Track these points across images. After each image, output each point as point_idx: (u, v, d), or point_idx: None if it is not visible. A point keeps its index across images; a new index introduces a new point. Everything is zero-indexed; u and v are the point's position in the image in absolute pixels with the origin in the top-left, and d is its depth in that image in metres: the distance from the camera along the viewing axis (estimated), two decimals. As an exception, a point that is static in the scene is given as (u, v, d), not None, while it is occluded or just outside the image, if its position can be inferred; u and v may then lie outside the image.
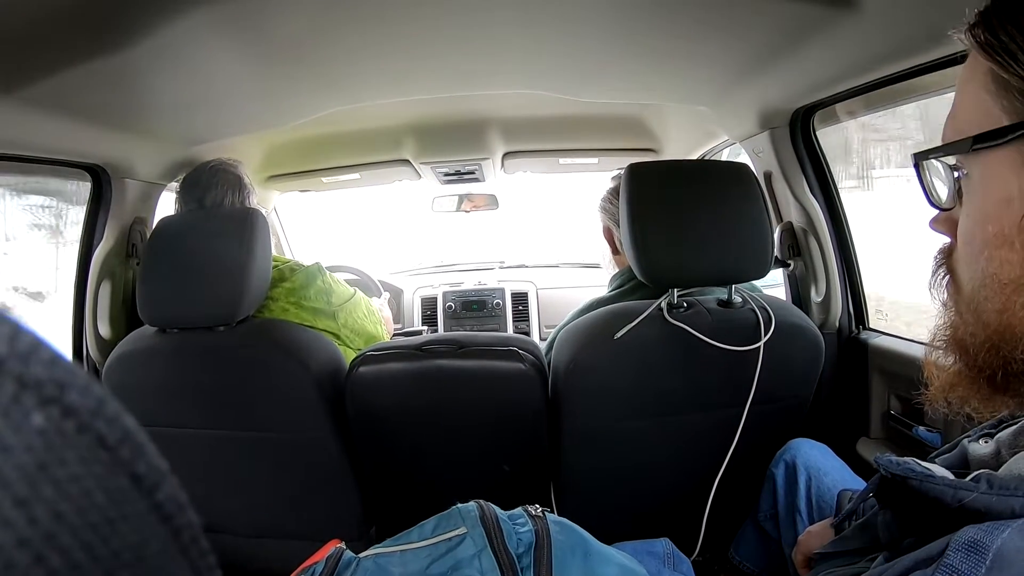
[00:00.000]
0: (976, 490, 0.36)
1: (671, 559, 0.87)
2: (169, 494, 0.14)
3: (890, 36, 0.81)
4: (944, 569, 0.34)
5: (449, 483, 1.14)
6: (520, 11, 0.85)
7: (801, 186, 1.22)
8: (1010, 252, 0.34)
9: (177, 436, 1.07)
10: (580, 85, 1.18)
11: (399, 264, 2.61)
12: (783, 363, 1.00)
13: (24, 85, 0.81)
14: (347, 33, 0.88)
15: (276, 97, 1.14)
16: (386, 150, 1.77)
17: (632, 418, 1.02)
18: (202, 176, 1.21)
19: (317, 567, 0.60)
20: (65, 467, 0.12)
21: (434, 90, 1.21)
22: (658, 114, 1.62)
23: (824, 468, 0.93)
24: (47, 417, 0.12)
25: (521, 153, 1.86)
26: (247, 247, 1.01)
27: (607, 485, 1.10)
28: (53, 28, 0.70)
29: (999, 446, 0.45)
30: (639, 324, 0.96)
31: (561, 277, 2.37)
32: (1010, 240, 0.34)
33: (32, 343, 0.12)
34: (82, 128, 1.04)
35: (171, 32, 0.77)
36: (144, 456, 0.14)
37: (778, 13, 0.80)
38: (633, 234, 0.95)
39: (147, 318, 1.03)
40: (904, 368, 1.09)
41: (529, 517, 0.61)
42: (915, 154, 0.40)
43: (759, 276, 0.99)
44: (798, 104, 1.13)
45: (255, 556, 1.19)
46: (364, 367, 1.04)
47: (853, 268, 1.24)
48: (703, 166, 1.29)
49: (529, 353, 1.04)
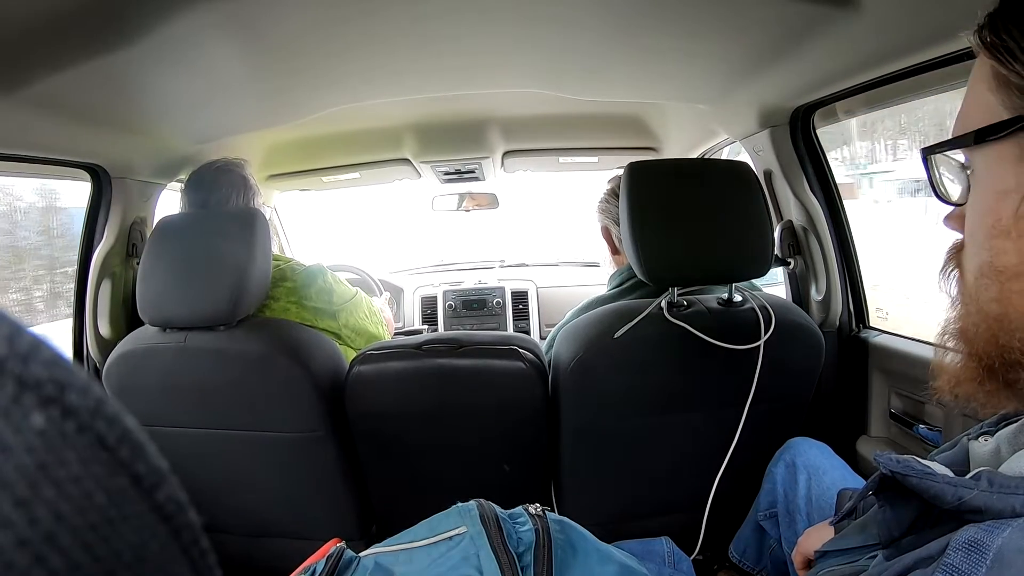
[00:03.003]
0: (976, 488, 0.36)
1: (671, 558, 0.87)
2: (169, 494, 0.14)
3: (890, 35, 0.81)
4: (944, 568, 0.34)
5: (449, 482, 1.14)
6: (520, 10, 0.84)
7: (801, 184, 1.22)
8: (1006, 241, 0.35)
9: (177, 436, 1.07)
10: (580, 84, 1.18)
11: (399, 263, 2.61)
12: (783, 362, 1.00)
13: (24, 85, 0.81)
14: (347, 32, 0.88)
15: (276, 96, 1.14)
16: (386, 149, 1.77)
17: (632, 417, 1.02)
18: (206, 176, 1.21)
19: (317, 566, 0.60)
20: (65, 467, 0.12)
21: (434, 89, 1.21)
22: (658, 113, 1.62)
23: (824, 467, 0.93)
24: (47, 418, 0.12)
25: (521, 152, 1.86)
26: (247, 246, 1.01)
27: (607, 484, 1.10)
28: (53, 28, 0.70)
29: (1000, 444, 0.45)
30: (639, 323, 0.96)
31: (561, 276, 2.37)
32: (1007, 230, 0.35)
33: (32, 343, 0.12)
34: (82, 128, 1.03)
35: (170, 31, 0.76)
36: (144, 456, 0.14)
37: (778, 12, 0.80)
38: (633, 233, 0.94)
39: (147, 318, 1.03)
40: (905, 367, 1.09)
41: (529, 516, 0.61)
42: (923, 149, 0.42)
43: (759, 275, 0.99)
44: (798, 102, 1.13)
45: (255, 556, 1.19)
46: (364, 366, 1.04)
47: (853, 267, 1.24)
48: (703, 165, 1.29)
49: (529, 352, 1.04)
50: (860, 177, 3.35)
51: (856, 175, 3.33)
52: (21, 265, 1.85)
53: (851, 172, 3.28)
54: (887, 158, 3.29)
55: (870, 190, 3.41)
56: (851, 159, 3.23)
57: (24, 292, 1.83)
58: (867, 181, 3.38)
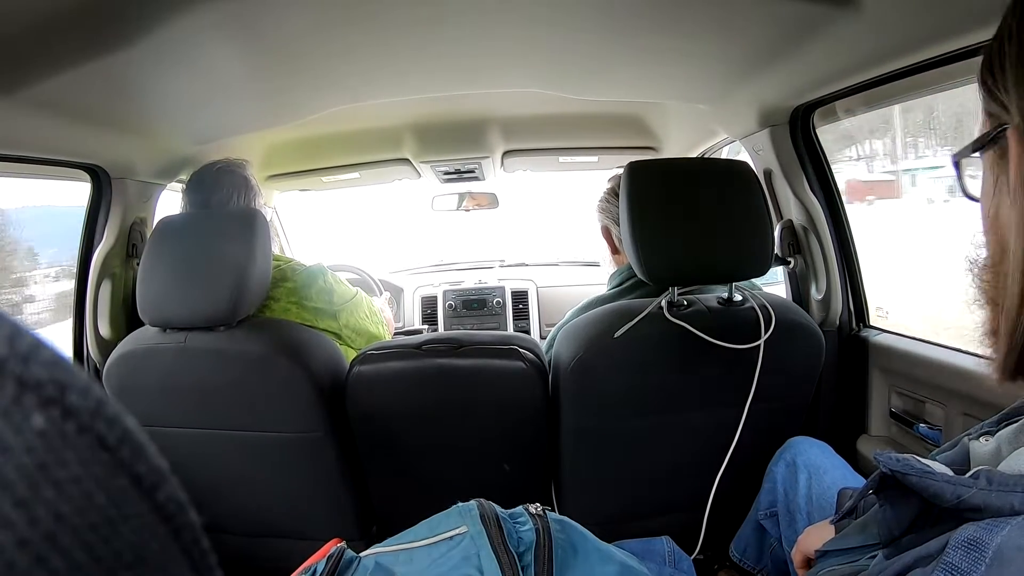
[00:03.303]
0: (975, 486, 0.36)
1: (672, 557, 0.87)
2: (169, 494, 0.14)
3: (889, 34, 0.81)
4: (944, 567, 0.34)
5: (449, 482, 1.14)
6: (520, 10, 0.84)
7: (801, 184, 1.22)
8: (990, 237, 0.39)
9: (177, 436, 1.07)
10: (580, 83, 1.18)
11: (399, 263, 2.61)
12: (783, 361, 1.00)
13: (24, 85, 0.81)
14: (347, 32, 0.88)
15: (276, 96, 1.14)
16: (386, 149, 1.77)
17: (632, 416, 1.02)
18: (207, 177, 1.21)
19: (318, 566, 0.60)
20: (66, 468, 0.12)
21: (434, 89, 1.21)
22: (658, 112, 1.62)
23: (824, 466, 0.93)
24: (48, 418, 0.12)
25: (521, 151, 1.86)
26: (247, 247, 1.01)
27: (607, 483, 1.10)
28: (53, 28, 0.70)
29: (1000, 444, 0.45)
30: (639, 322, 0.96)
31: (561, 275, 2.37)
32: (990, 228, 0.39)
33: (32, 344, 0.12)
34: (82, 128, 1.03)
35: (171, 32, 0.76)
36: (144, 456, 0.14)
37: (778, 11, 0.80)
38: (633, 232, 0.94)
39: (147, 318, 1.03)
40: (905, 366, 1.09)
41: (530, 516, 0.61)
42: (952, 155, 0.44)
43: (759, 274, 0.99)
44: (798, 102, 1.13)
45: (256, 556, 1.19)
46: (364, 366, 1.04)
47: (853, 266, 1.24)
48: (703, 164, 1.29)
49: (529, 351, 1.04)
50: (902, 174, 2.87)
51: (896, 172, 2.85)
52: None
53: (890, 169, 2.81)
54: (932, 153, 2.75)
55: (912, 188, 2.93)
56: (887, 154, 2.77)
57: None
58: (909, 178, 2.93)
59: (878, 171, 2.78)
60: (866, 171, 2.76)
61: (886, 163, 2.78)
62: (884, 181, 2.82)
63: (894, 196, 2.83)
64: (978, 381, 0.89)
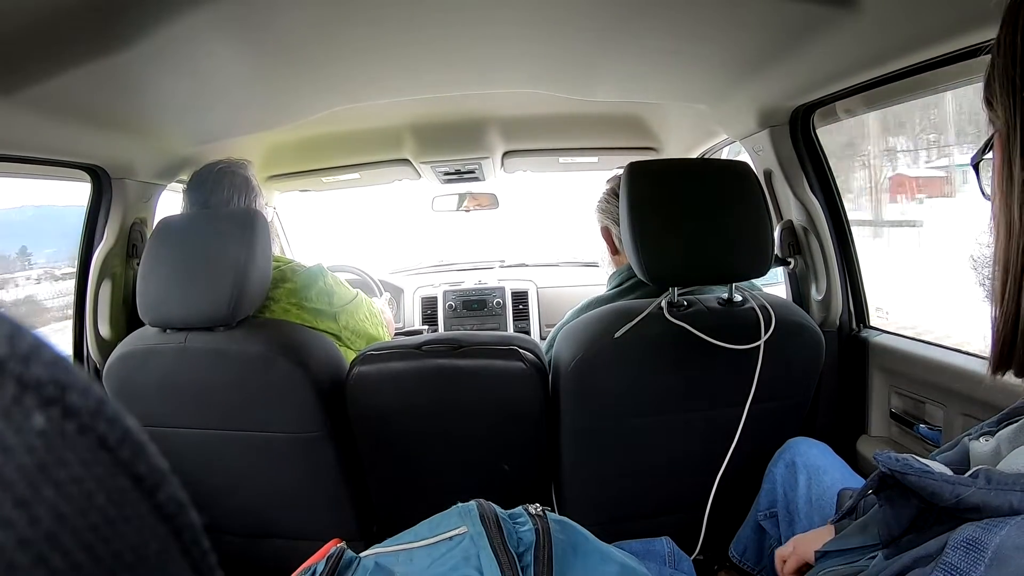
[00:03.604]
0: (974, 485, 0.36)
1: (672, 558, 0.87)
2: (170, 494, 0.14)
3: (889, 34, 0.81)
4: (943, 567, 0.34)
5: (449, 482, 1.14)
6: (520, 11, 0.85)
7: (801, 184, 1.22)
8: (993, 235, 0.40)
9: (177, 436, 1.07)
10: (580, 84, 1.18)
11: (399, 264, 2.61)
12: (783, 361, 1.00)
13: (24, 86, 0.81)
14: (347, 33, 0.88)
15: (276, 97, 1.14)
16: (386, 150, 1.78)
17: (632, 417, 1.02)
18: (208, 177, 1.21)
19: (318, 567, 0.60)
20: (66, 468, 0.12)
21: (436, 90, 1.21)
22: (658, 113, 1.62)
23: (824, 467, 0.93)
24: (48, 418, 0.12)
25: (521, 152, 1.86)
26: (247, 247, 1.01)
27: (607, 484, 1.10)
28: (53, 29, 0.70)
29: (1000, 444, 0.45)
30: (639, 323, 0.96)
31: (561, 276, 2.37)
32: (994, 226, 0.40)
33: (33, 344, 0.12)
34: (82, 128, 1.03)
35: (170, 32, 0.77)
36: (145, 457, 0.14)
37: (777, 12, 0.80)
38: (633, 232, 0.94)
39: (147, 318, 1.03)
40: (905, 366, 1.09)
41: (529, 516, 0.61)
42: (972, 158, 0.45)
43: (759, 274, 0.99)
44: (798, 102, 1.13)
45: (255, 556, 1.19)
46: (364, 367, 1.04)
47: (853, 266, 1.24)
48: (703, 164, 1.29)
49: (529, 352, 1.04)
50: (955, 169, 2.44)
51: (949, 167, 2.45)
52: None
53: (940, 164, 2.47)
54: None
55: (964, 185, 2.42)
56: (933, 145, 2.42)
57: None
58: (963, 175, 2.44)
59: (924, 166, 2.49)
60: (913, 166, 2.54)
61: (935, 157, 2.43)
62: (936, 177, 2.64)
63: (947, 195, 2.48)
64: (978, 381, 0.89)
